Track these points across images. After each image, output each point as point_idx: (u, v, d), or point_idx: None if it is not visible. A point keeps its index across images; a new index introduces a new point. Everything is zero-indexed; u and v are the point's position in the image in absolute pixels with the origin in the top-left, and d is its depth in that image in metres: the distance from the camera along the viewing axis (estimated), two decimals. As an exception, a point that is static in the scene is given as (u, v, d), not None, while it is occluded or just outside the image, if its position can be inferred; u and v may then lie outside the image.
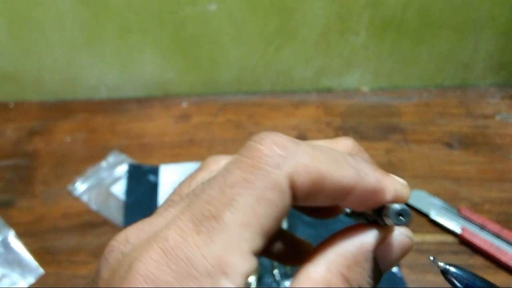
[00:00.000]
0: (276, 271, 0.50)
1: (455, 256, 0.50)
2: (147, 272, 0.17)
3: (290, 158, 0.19)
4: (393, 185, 0.21)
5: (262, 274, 0.50)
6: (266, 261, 0.50)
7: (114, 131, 0.67)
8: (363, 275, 0.20)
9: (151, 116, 0.69)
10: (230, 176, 0.19)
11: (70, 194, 0.59)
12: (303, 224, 0.54)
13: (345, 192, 0.20)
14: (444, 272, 0.23)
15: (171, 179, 0.59)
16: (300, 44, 0.69)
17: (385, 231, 0.21)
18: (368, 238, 0.21)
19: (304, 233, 0.53)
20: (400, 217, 0.20)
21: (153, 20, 0.66)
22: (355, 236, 0.21)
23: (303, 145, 0.20)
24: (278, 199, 0.19)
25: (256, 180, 0.18)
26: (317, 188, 0.19)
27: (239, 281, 0.18)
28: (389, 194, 0.21)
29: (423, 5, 0.65)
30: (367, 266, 0.20)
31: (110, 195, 0.59)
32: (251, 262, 0.18)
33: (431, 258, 0.24)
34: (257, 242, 0.18)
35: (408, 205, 0.20)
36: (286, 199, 0.19)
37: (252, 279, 0.48)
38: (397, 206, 0.20)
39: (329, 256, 0.20)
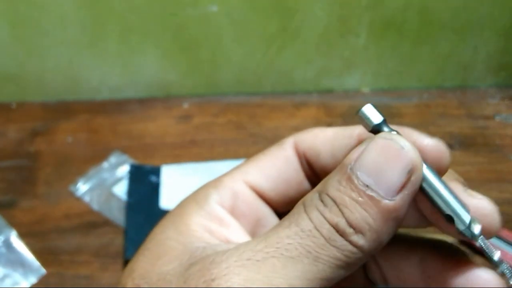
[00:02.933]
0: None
1: (455, 257, 0.51)
2: None
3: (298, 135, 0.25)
4: None
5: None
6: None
7: (115, 131, 0.67)
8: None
9: (152, 117, 0.69)
10: None
11: (72, 195, 0.59)
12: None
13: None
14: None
15: (172, 180, 0.59)
16: (301, 45, 0.69)
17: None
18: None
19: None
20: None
21: (154, 21, 0.66)
22: None
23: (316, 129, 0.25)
24: (279, 152, 0.24)
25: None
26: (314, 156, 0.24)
27: None
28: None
29: (423, 6, 0.65)
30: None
31: (112, 195, 0.59)
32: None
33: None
34: (261, 179, 0.24)
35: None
36: (290, 154, 0.24)
37: None
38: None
39: None
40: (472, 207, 0.20)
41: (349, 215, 0.19)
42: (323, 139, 0.24)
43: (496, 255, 0.20)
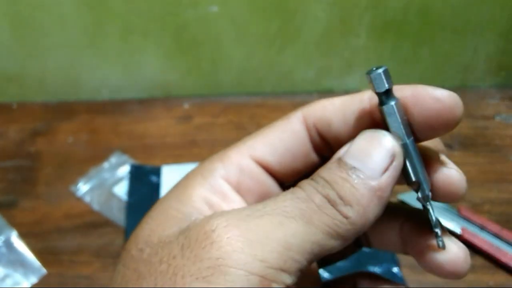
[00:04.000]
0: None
1: (455, 257, 0.51)
2: None
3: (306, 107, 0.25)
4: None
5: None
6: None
7: (116, 132, 0.67)
8: None
9: (153, 117, 0.69)
10: None
11: (72, 195, 0.59)
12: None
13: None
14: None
15: (173, 180, 0.59)
16: (302, 46, 0.69)
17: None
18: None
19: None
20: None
21: (155, 22, 0.66)
22: None
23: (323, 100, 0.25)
24: (286, 126, 0.25)
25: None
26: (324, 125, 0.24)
27: None
28: None
29: (424, 7, 0.66)
30: None
31: (112, 195, 0.59)
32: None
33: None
34: (267, 154, 0.24)
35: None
36: (297, 128, 0.25)
37: None
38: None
39: None
40: (442, 175, 0.22)
41: (339, 189, 0.20)
42: (332, 109, 0.24)
43: (437, 222, 0.22)
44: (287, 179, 0.25)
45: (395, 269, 0.50)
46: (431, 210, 0.22)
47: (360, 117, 0.23)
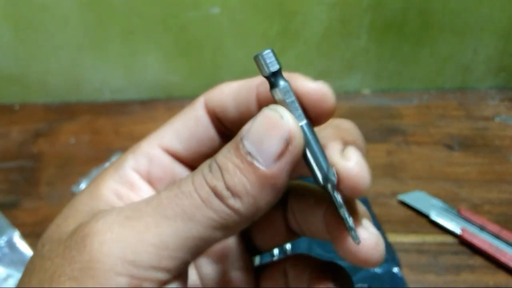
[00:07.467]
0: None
1: (455, 257, 0.51)
2: None
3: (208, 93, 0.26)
4: None
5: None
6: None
7: (118, 133, 0.68)
8: None
9: (154, 118, 0.70)
10: None
11: (74, 195, 0.59)
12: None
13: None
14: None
15: (174, 181, 0.60)
16: (302, 47, 0.69)
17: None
18: None
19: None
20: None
21: (156, 23, 0.67)
22: None
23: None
24: (190, 112, 0.25)
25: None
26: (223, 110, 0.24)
27: None
28: None
29: (424, 8, 0.66)
30: None
31: (114, 196, 0.60)
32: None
33: None
34: (174, 141, 0.25)
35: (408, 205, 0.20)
36: (200, 113, 0.25)
37: None
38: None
39: None
40: (343, 167, 0.21)
41: (228, 179, 0.20)
42: (227, 95, 0.25)
43: (342, 209, 0.21)
44: (196, 164, 0.25)
45: (395, 269, 0.50)
46: (336, 198, 0.21)
47: (249, 105, 0.23)
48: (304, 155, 0.21)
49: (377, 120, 0.68)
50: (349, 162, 0.21)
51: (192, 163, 0.26)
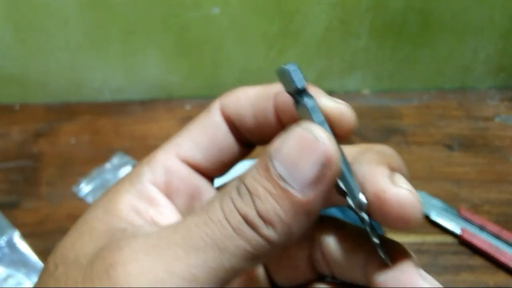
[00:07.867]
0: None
1: (455, 257, 0.51)
2: None
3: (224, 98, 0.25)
4: None
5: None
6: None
7: (118, 133, 0.68)
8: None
9: (155, 118, 0.70)
10: None
11: (75, 195, 0.60)
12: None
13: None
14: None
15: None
16: (302, 47, 0.69)
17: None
18: None
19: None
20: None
21: (157, 23, 0.67)
22: None
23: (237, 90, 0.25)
24: (207, 119, 0.24)
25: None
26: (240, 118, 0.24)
27: None
28: None
29: (424, 8, 0.66)
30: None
31: (114, 196, 0.60)
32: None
33: None
34: (193, 151, 0.24)
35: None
36: (217, 120, 0.24)
37: None
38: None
39: None
40: (394, 194, 0.19)
41: (260, 206, 0.18)
42: (245, 102, 0.24)
43: (374, 235, 0.20)
44: (216, 173, 0.25)
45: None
46: (367, 219, 0.20)
47: (267, 114, 0.22)
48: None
49: (377, 120, 0.68)
50: (401, 188, 0.19)
51: (211, 172, 0.25)
